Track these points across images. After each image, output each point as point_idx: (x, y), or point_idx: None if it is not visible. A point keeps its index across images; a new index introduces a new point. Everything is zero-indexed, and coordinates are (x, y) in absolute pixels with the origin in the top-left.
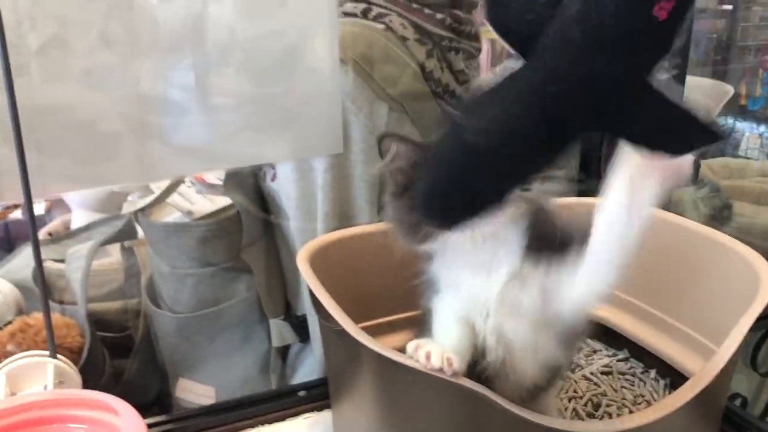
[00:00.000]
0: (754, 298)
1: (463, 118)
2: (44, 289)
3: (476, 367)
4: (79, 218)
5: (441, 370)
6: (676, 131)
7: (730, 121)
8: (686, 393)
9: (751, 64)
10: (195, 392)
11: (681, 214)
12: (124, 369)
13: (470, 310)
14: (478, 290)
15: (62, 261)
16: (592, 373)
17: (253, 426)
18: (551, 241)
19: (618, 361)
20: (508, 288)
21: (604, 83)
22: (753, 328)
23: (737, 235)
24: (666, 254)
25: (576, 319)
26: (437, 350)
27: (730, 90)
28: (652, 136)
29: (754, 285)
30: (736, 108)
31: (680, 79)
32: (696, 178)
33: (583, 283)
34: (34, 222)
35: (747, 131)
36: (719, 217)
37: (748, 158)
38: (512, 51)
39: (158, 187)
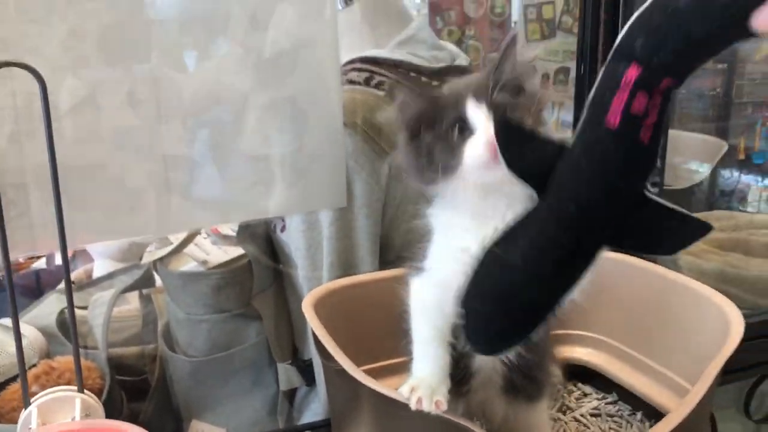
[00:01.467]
0: (726, 341)
1: (500, 247)
2: (75, 330)
3: (460, 384)
4: (101, 267)
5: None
6: (673, 231)
7: (735, 174)
8: (663, 429)
9: (749, 120)
10: None
11: None
12: (140, 411)
13: (448, 281)
14: (471, 238)
15: (84, 308)
16: (582, 415)
17: None
18: None
19: (607, 403)
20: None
21: (611, 199)
22: (745, 377)
23: (732, 286)
24: (649, 302)
25: None
26: (427, 394)
27: (723, 145)
28: (651, 239)
29: (726, 329)
30: (736, 161)
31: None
32: None
33: None
34: (68, 270)
35: (752, 184)
36: None
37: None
38: (529, 189)
39: (176, 238)
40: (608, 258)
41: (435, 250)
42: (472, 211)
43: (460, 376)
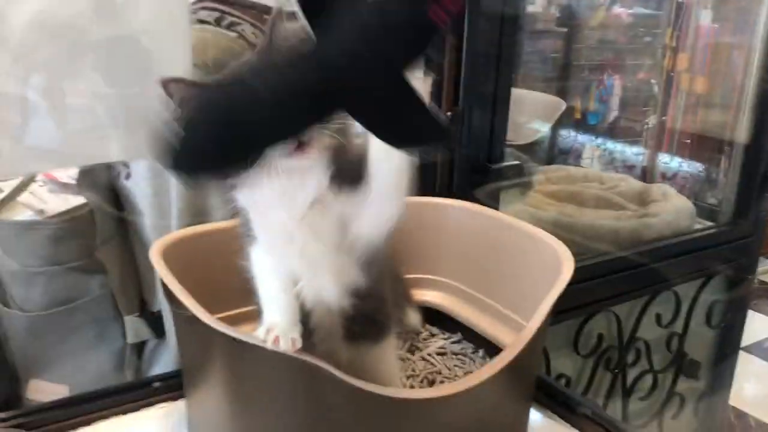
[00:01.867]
0: (558, 279)
1: (255, 74)
2: None
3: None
4: None
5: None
6: (414, 125)
7: (572, 133)
8: (498, 363)
9: (586, 82)
10: (48, 392)
11: None
12: None
13: (276, 247)
14: (284, 216)
15: None
16: (429, 354)
17: (106, 417)
18: (351, 175)
19: (452, 343)
20: (312, 214)
21: (381, 67)
22: (574, 316)
23: (566, 233)
24: (489, 246)
25: (370, 244)
26: (283, 334)
27: (562, 104)
28: (389, 125)
29: (558, 270)
30: (573, 121)
31: (506, 92)
32: None
33: (370, 213)
34: None
35: (587, 143)
36: None
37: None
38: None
39: (9, 186)
40: (451, 205)
41: (256, 223)
42: (279, 191)
43: (305, 336)
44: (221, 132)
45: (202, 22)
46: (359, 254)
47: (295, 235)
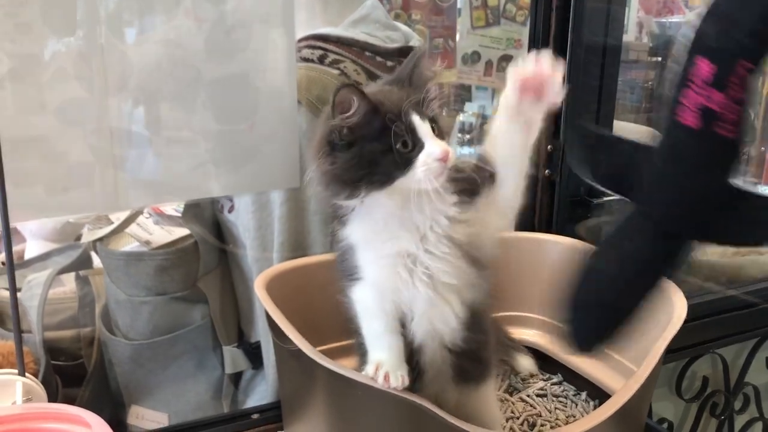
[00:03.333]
0: (669, 322)
1: (595, 258)
2: (16, 312)
3: (414, 381)
4: (33, 248)
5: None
6: (760, 220)
7: None
8: (608, 409)
9: None
10: (148, 419)
11: None
12: (75, 397)
13: (384, 285)
14: (405, 244)
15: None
16: (528, 396)
17: None
18: (473, 188)
19: (552, 384)
20: (433, 237)
21: (700, 193)
22: (676, 358)
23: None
24: None
25: (494, 246)
26: (393, 370)
27: (655, 135)
28: (743, 231)
29: (669, 311)
30: None
31: (608, 123)
32: None
33: (499, 205)
34: (10, 250)
35: None
36: None
37: None
38: (611, 192)
39: (117, 218)
40: (551, 240)
41: (365, 262)
42: (399, 219)
43: (414, 375)
44: (595, 319)
45: (305, 60)
46: (478, 267)
47: (416, 261)
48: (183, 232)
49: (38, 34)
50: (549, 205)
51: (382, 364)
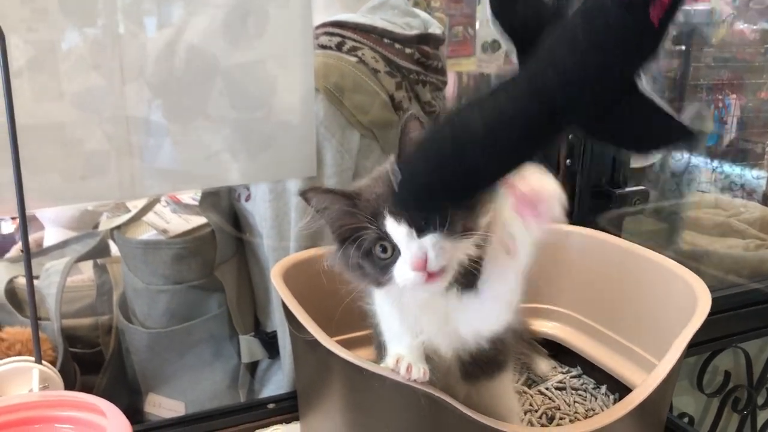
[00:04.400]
0: (692, 316)
1: (466, 108)
2: (33, 299)
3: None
4: (52, 235)
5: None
6: (654, 130)
7: (686, 156)
8: (629, 403)
9: (702, 102)
10: (164, 407)
11: None
12: (93, 384)
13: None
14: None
15: (35, 277)
16: (547, 389)
17: None
18: (467, 277)
19: (571, 377)
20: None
21: (601, 80)
22: (698, 352)
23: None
24: (614, 276)
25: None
26: (416, 362)
27: None
28: (629, 134)
29: (693, 304)
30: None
31: None
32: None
33: (480, 316)
34: (26, 238)
35: (702, 166)
36: None
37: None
38: (509, 46)
39: (134, 206)
40: (576, 232)
41: (387, 329)
42: (415, 304)
43: None
44: (442, 170)
45: (323, 47)
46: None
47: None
48: (200, 220)
49: (55, 21)
50: (570, 196)
51: (403, 357)
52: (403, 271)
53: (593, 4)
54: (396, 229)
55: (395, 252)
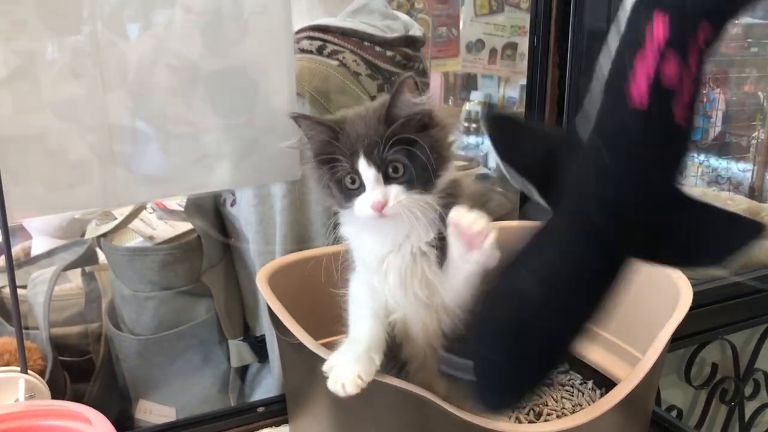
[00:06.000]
0: (674, 309)
1: (503, 279)
2: (17, 308)
3: (399, 370)
4: (39, 244)
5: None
6: (722, 237)
7: None
8: (614, 398)
9: None
10: (155, 413)
11: None
12: (84, 392)
13: (372, 283)
14: (375, 254)
15: (23, 286)
16: None
17: None
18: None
19: (558, 373)
20: (405, 258)
21: (644, 200)
22: (685, 345)
23: None
24: None
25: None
26: (349, 372)
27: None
28: (695, 248)
29: (675, 298)
30: None
31: None
32: None
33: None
34: (9, 247)
35: (689, 160)
36: None
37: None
38: (526, 187)
39: (120, 213)
40: None
41: (354, 253)
42: (372, 231)
43: (398, 366)
44: (517, 359)
45: (304, 51)
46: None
47: (387, 273)
48: (186, 226)
49: (34, 32)
50: None
51: (334, 366)
52: (363, 206)
53: (612, 125)
54: (366, 171)
55: (361, 187)
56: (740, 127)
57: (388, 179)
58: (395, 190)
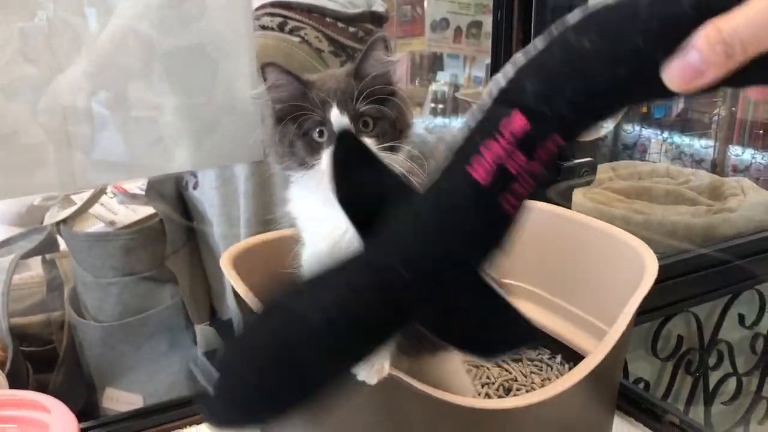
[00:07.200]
0: (640, 282)
1: (295, 297)
2: None
3: None
4: None
5: None
6: (501, 330)
7: (637, 128)
8: (581, 371)
9: None
10: (122, 401)
11: None
12: (48, 382)
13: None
14: (325, 226)
15: None
16: (504, 361)
17: (181, 427)
18: None
19: (527, 348)
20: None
21: (448, 272)
22: (652, 318)
23: (639, 230)
24: (564, 247)
25: None
26: None
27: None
28: (477, 335)
29: (641, 270)
30: (639, 115)
31: None
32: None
33: None
34: None
35: (652, 137)
36: None
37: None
38: (346, 223)
39: (80, 198)
40: (528, 205)
41: (304, 231)
42: (324, 199)
43: None
44: (268, 376)
45: (264, 28)
46: None
47: (338, 247)
48: (148, 211)
49: None
50: None
51: None
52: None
53: (447, 187)
54: (339, 121)
55: (329, 139)
56: (702, 104)
57: (358, 133)
58: (367, 143)
